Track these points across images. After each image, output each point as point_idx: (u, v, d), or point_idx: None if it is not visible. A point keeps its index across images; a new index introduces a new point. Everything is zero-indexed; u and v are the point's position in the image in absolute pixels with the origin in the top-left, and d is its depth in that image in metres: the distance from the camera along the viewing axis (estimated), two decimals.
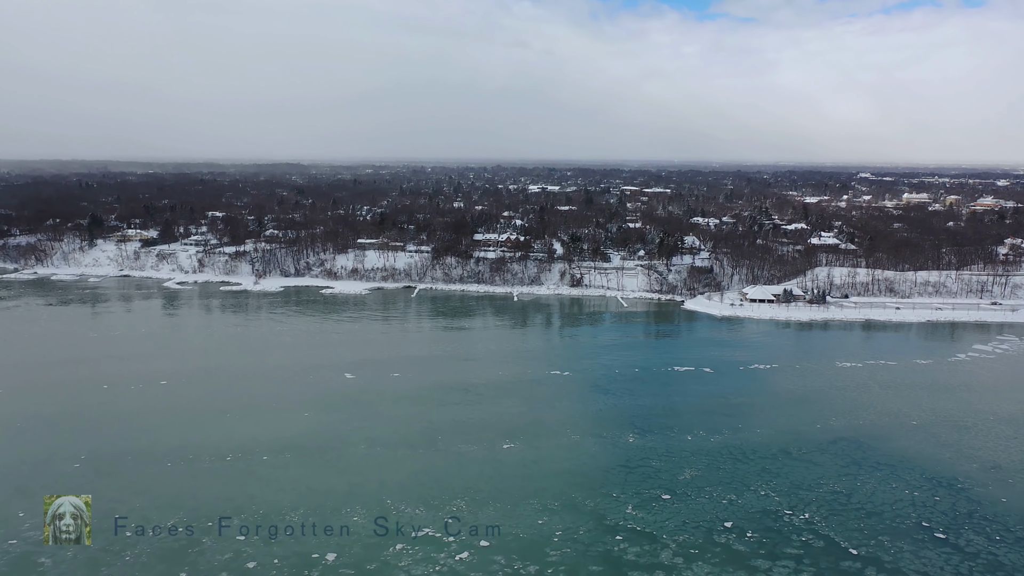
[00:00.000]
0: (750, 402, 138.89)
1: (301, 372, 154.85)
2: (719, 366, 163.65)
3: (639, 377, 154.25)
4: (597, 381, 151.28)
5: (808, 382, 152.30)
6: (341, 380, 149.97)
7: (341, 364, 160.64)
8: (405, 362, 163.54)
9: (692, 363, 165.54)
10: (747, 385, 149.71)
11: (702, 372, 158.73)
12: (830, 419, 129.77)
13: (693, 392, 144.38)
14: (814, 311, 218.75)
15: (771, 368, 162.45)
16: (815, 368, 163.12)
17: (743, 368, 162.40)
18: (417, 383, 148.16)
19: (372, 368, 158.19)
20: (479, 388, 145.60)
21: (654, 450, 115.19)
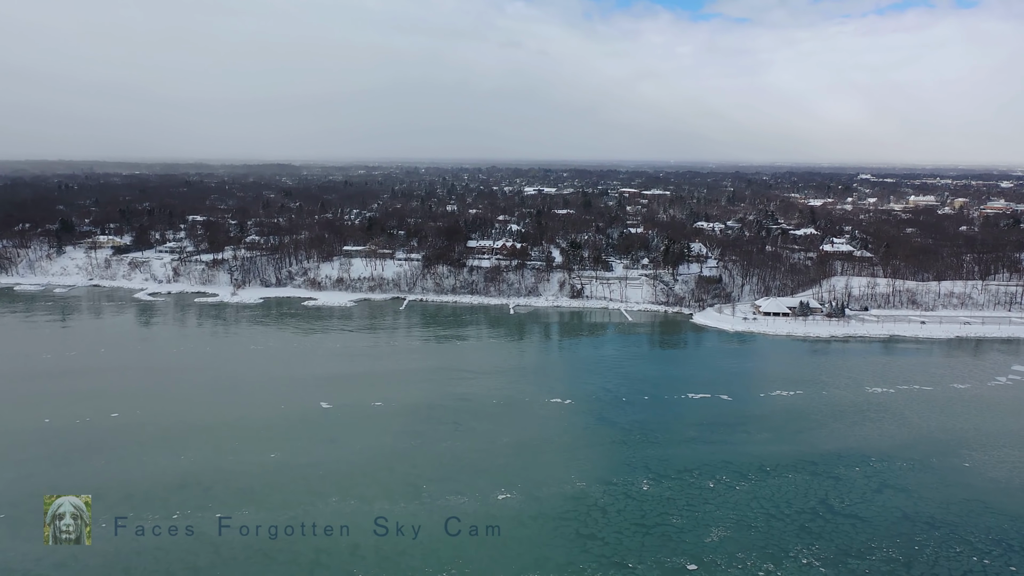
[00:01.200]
0: (776, 437, 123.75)
1: (272, 401, 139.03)
2: (737, 392, 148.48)
3: (649, 406, 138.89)
4: (603, 411, 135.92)
5: (838, 413, 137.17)
6: (315, 412, 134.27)
7: (318, 391, 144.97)
8: (388, 387, 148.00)
9: (707, 388, 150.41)
10: (770, 416, 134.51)
11: (719, 400, 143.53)
12: (870, 460, 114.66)
13: (711, 426, 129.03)
14: (834, 326, 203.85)
15: (795, 396, 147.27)
16: (843, 395, 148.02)
17: (764, 395, 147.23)
18: (400, 414, 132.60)
19: (352, 396, 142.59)
20: (470, 419, 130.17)
21: (673, 502, 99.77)
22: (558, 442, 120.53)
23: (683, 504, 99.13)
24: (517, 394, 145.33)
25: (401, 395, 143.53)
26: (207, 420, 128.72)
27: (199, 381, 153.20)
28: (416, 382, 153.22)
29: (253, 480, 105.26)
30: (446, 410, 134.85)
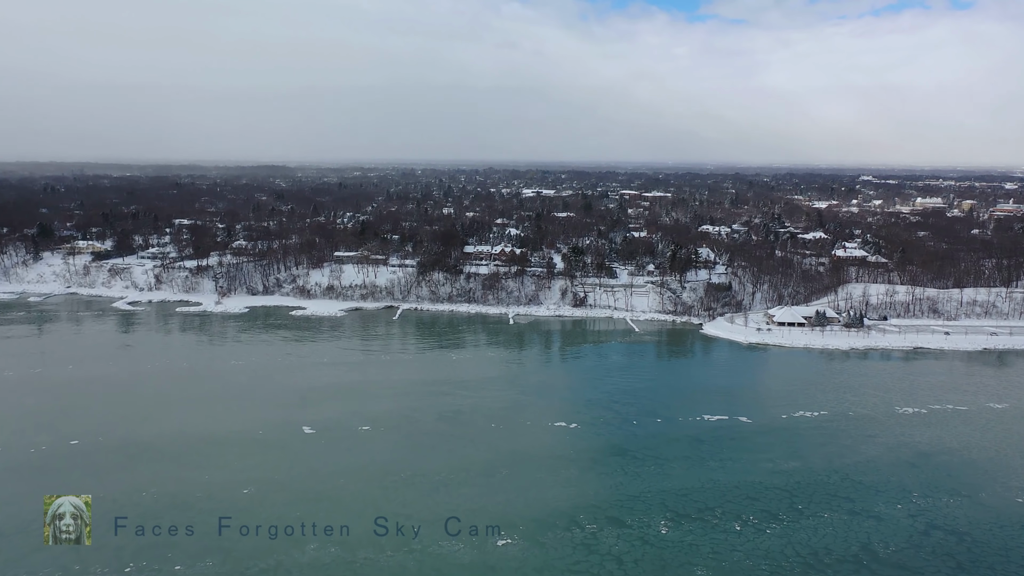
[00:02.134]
0: (805, 467, 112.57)
1: (249, 426, 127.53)
2: (756, 413, 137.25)
3: (663, 432, 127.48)
4: (612, 437, 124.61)
5: (867, 437, 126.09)
6: (297, 439, 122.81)
7: (300, 413, 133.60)
8: (377, 408, 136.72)
9: (723, 408, 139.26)
10: (795, 441, 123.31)
11: (737, 422, 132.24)
12: (912, 494, 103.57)
13: (732, 453, 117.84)
14: (853, 337, 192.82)
15: (819, 417, 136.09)
16: (872, 416, 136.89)
17: (786, 417, 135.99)
18: (389, 444, 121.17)
19: (337, 418, 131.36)
20: (467, 449, 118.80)
21: (696, 549, 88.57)
22: (564, 475, 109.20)
23: (708, 551, 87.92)
24: (517, 416, 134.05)
25: (389, 416, 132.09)
26: (177, 447, 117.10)
27: (172, 400, 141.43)
28: (407, 400, 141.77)
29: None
30: (439, 439, 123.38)
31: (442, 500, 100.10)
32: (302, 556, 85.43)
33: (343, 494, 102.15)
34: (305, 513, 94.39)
